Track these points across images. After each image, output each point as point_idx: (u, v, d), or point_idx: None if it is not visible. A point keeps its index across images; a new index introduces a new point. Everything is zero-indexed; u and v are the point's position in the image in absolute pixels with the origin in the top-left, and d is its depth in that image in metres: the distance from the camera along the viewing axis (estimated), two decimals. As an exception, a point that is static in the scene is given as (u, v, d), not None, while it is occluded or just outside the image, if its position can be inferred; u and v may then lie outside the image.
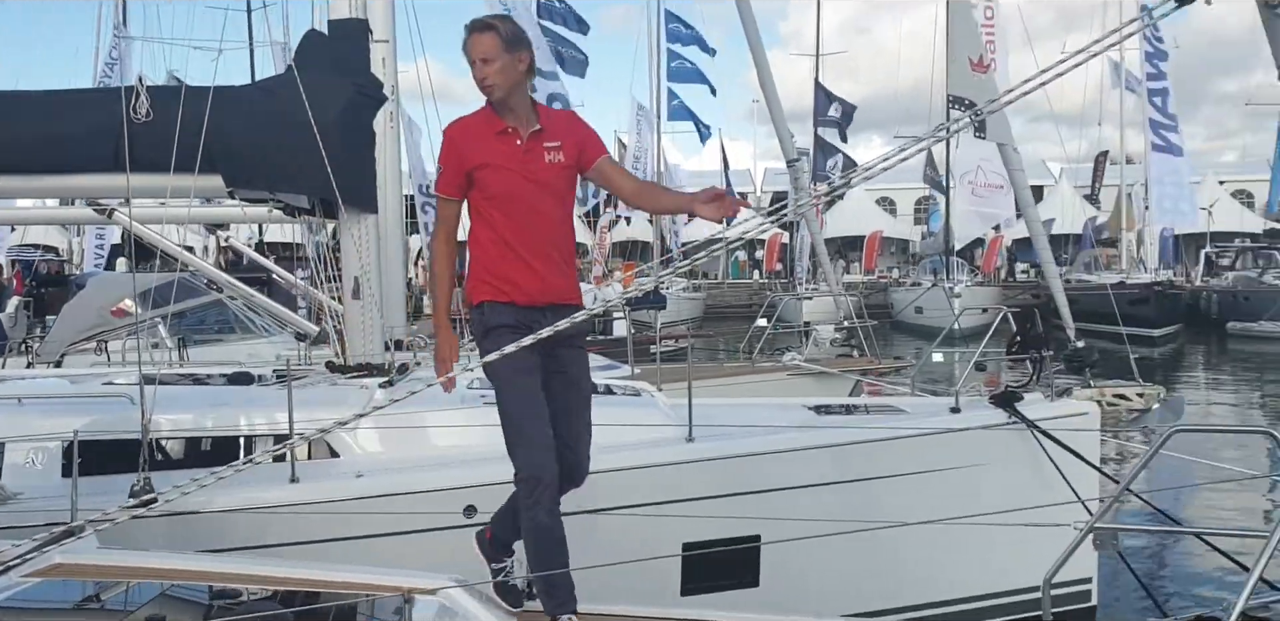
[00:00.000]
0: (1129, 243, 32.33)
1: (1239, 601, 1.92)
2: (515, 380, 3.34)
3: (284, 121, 4.96)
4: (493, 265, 3.35)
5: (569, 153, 3.39)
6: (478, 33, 3.32)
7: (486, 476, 4.28)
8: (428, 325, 21.90)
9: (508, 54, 3.29)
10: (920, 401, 5.86)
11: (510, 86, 3.31)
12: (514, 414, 3.35)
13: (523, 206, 3.33)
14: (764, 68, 8.61)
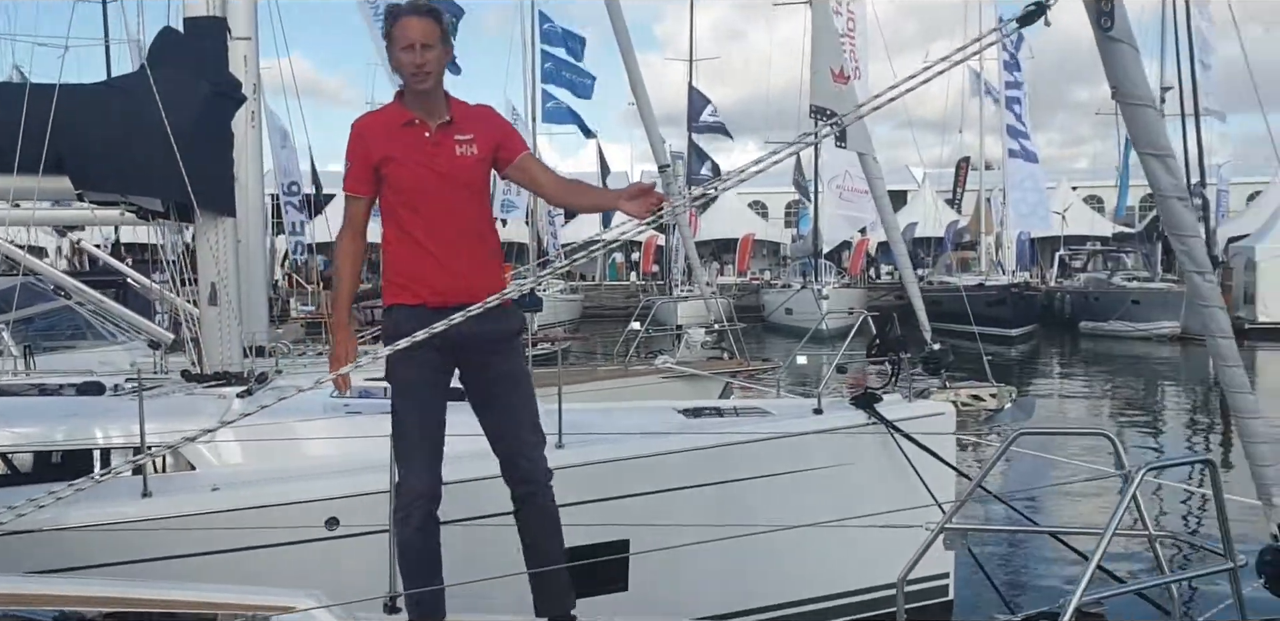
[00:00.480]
0: (988, 246, 33.67)
1: (1073, 599, 2.02)
2: (411, 391, 3.27)
3: (136, 122, 4.78)
4: (403, 264, 3.25)
5: (483, 146, 3.29)
6: (418, 16, 3.20)
7: (349, 487, 4.21)
8: (293, 329, 21.38)
9: (443, 44, 3.23)
10: (785, 403, 5.99)
11: (440, 77, 3.24)
12: (403, 425, 3.29)
13: (431, 200, 3.23)
14: (635, 73, 8.66)
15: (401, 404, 3.29)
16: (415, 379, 3.25)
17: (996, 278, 31.35)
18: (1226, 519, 2.09)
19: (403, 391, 3.28)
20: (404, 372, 3.25)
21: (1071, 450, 10.40)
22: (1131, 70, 2.29)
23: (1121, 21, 2.27)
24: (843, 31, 25.87)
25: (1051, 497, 7.67)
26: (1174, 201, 2.31)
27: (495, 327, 3.33)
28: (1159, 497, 7.93)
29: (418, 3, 3.26)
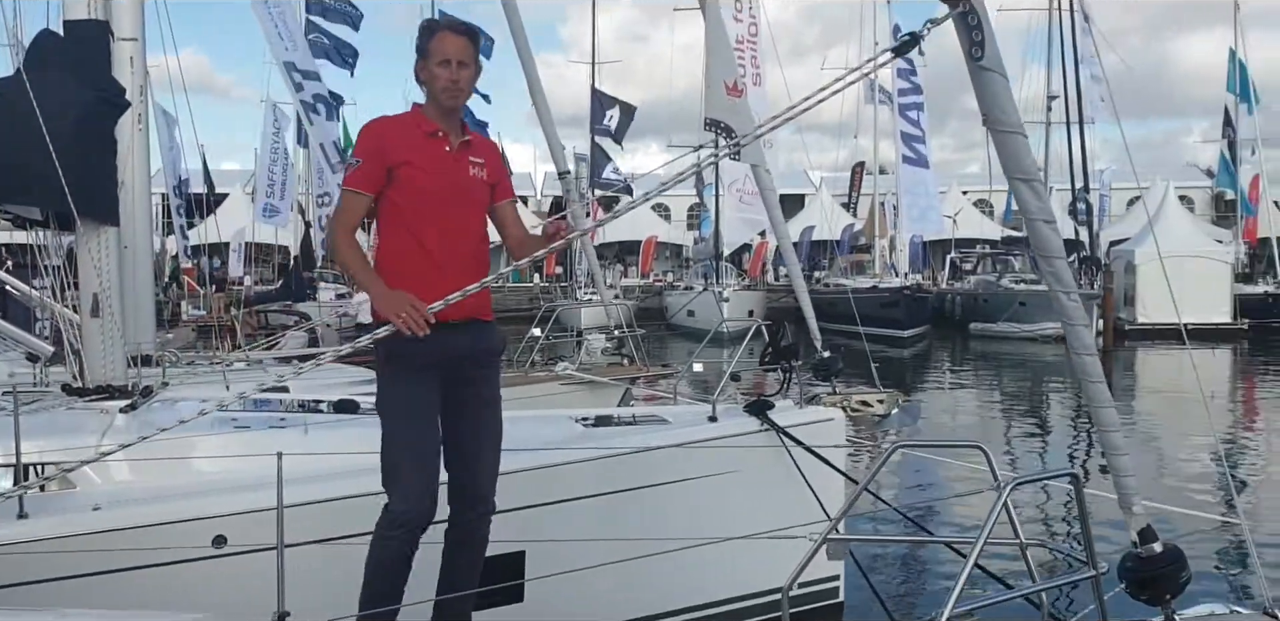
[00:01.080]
0: (882, 249, 34.46)
1: (945, 611, 2.09)
2: (409, 412, 3.18)
3: (12, 129, 4.61)
4: (412, 276, 3.11)
5: (490, 173, 3.31)
6: (458, 34, 3.20)
7: (236, 505, 4.13)
8: (184, 333, 20.74)
9: (476, 65, 3.23)
10: (682, 410, 6.05)
11: (468, 96, 3.26)
12: (399, 448, 3.17)
13: (448, 212, 3.19)
14: (534, 80, 8.61)
15: (403, 426, 3.17)
16: (420, 399, 3.16)
17: (890, 280, 32.13)
18: (1089, 529, 2.20)
19: (405, 412, 3.17)
20: (408, 392, 3.15)
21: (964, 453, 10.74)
22: (1001, 98, 2.39)
23: (992, 52, 2.37)
24: (743, 37, 26.27)
25: (944, 501, 7.88)
26: (1041, 224, 2.42)
27: (489, 345, 3.37)
28: (1041, 506, 8.23)
29: (457, 19, 3.34)
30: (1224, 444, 12.61)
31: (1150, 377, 20.15)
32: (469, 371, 3.25)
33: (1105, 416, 2.45)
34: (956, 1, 2.32)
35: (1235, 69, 35.89)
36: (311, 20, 21.73)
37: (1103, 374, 2.45)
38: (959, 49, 2.35)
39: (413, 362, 3.12)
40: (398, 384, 3.18)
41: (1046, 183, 37.78)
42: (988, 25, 2.34)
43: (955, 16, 2.33)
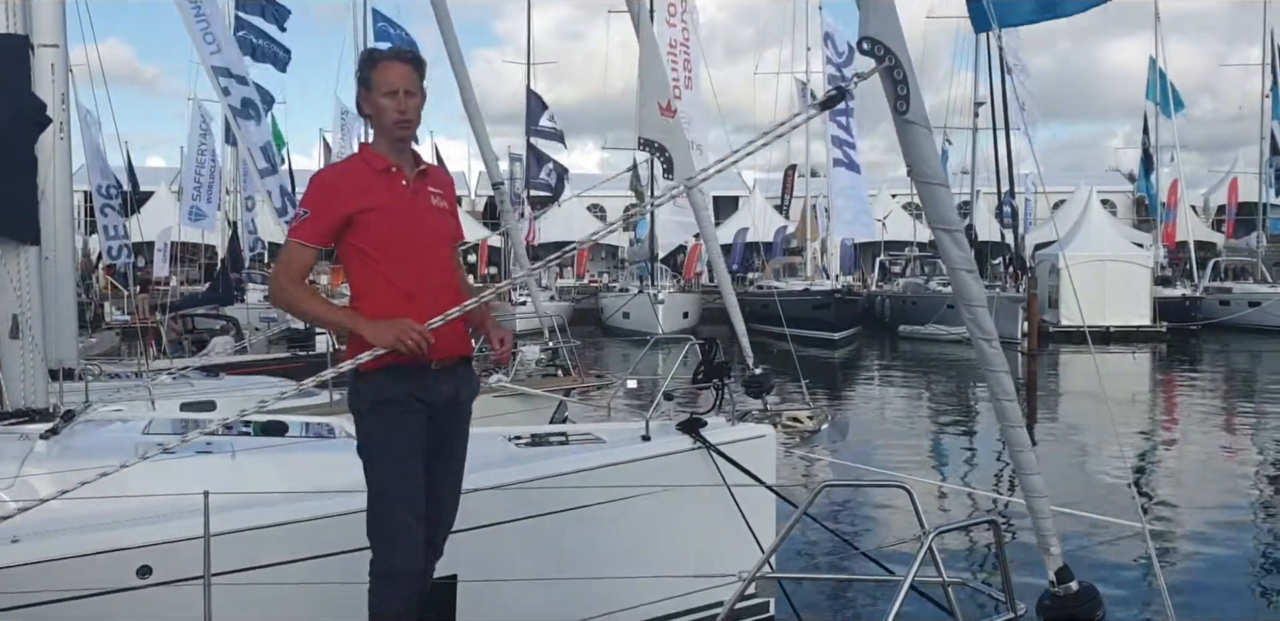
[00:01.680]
0: (814, 251, 34.85)
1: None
2: (400, 463, 3.04)
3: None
4: (392, 317, 2.94)
5: (449, 201, 3.22)
6: (401, 62, 3.07)
7: (163, 534, 4.06)
8: (108, 337, 20.17)
9: (422, 92, 3.11)
10: (615, 427, 6.06)
11: (417, 127, 3.14)
12: (390, 500, 3.04)
13: (418, 249, 3.05)
14: (467, 88, 8.56)
15: (397, 478, 3.03)
16: (409, 448, 3.03)
17: (822, 282, 32.51)
18: (1008, 572, 2.28)
19: (394, 463, 3.03)
20: (402, 440, 3.02)
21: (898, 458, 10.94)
22: (925, 150, 2.45)
23: (917, 106, 2.43)
24: (676, 42, 26.37)
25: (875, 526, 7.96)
26: (963, 273, 2.48)
27: (470, 389, 3.28)
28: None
29: (399, 48, 3.21)
30: (1137, 447, 13.01)
31: (1072, 380, 20.64)
32: (452, 417, 3.18)
33: (1024, 460, 2.53)
34: (883, 57, 2.37)
35: (1155, 77, 36.89)
36: (241, 17, 21.36)
37: (1022, 419, 2.52)
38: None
39: (402, 408, 3.01)
40: (388, 432, 3.05)
41: (974, 186, 38.73)
42: (913, 80, 2.40)
43: (881, 71, 2.39)
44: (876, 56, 2.37)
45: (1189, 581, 7.32)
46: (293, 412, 7.60)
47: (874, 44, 2.37)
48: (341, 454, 5.00)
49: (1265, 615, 7.00)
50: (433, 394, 3.04)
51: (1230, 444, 13.91)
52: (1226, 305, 32.66)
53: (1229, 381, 22.27)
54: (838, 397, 18.51)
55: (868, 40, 2.36)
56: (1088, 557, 7.23)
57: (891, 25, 2.38)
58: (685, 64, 26.40)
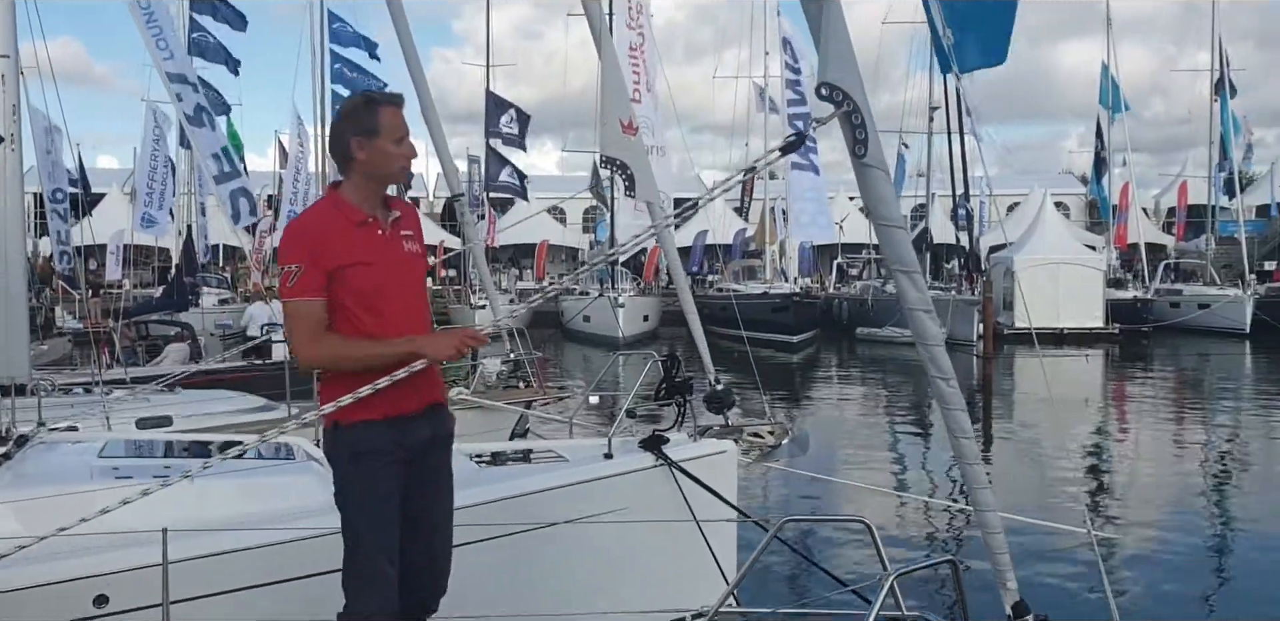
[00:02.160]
0: (773, 254, 35.03)
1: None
2: (375, 508, 3.04)
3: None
4: (364, 377, 2.92)
5: (420, 244, 3.21)
6: (397, 107, 3.05)
7: (119, 562, 4.02)
8: (59, 344, 19.81)
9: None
10: (577, 444, 6.08)
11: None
12: (367, 550, 3.04)
13: (394, 301, 3.04)
14: (425, 95, 8.50)
15: (372, 528, 3.03)
16: (388, 497, 3.03)
17: (781, 285, 32.70)
18: (967, 611, 2.32)
19: (373, 513, 3.03)
20: (379, 490, 3.02)
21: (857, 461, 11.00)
22: (884, 194, 2.49)
23: (875, 150, 2.47)
24: (636, 45, 26.40)
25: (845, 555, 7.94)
26: (920, 314, 2.52)
27: (445, 429, 3.27)
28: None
29: (393, 93, 3.13)
30: (1089, 450, 13.23)
31: (1028, 382, 20.92)
32: (431, 460, 3.18)
33: (982, 497, 2.57)
34: (841, 102, 2.41)
35: (1107, 83, 37.49)
36: (196, 18, 21.14)
37: (979, 455, 2.56)
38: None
39: (382, 458, 3.02)
40: (368, 482, 3.04)
41: (930, 189, 39.13)
42: (871, 124, 2.43)
43: (840, 116, 2.42)
44: (835, 102, 2.41)
45: (1137, 587, 7.47)
46: (251, 428, 7.55)
47: (832, 89, 2.40)
48: (301, 476, 4.99)
49: (1210, 619, 7.15)
50: (412, 442, 3.07)
51: (1180, 446, 14.18)
52: (1177, 307, 33.28)
53: (1179, 383, 22.70)
54: (797, 401, 18.65)
55: (826, 86, 2.40)
56: (1037, 565, 7.35)
57: (850, 71, 2.42)
58: (645, 67, 26.45)
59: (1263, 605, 7.11)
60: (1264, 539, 8.72)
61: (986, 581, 2.67)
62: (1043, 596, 6.31)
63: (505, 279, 39.90)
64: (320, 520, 4.58)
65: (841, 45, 2.39)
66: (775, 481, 9.28)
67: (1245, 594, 7.44)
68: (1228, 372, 24.61)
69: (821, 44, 2.39)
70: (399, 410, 3.01)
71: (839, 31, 2.39)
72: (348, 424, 3.00)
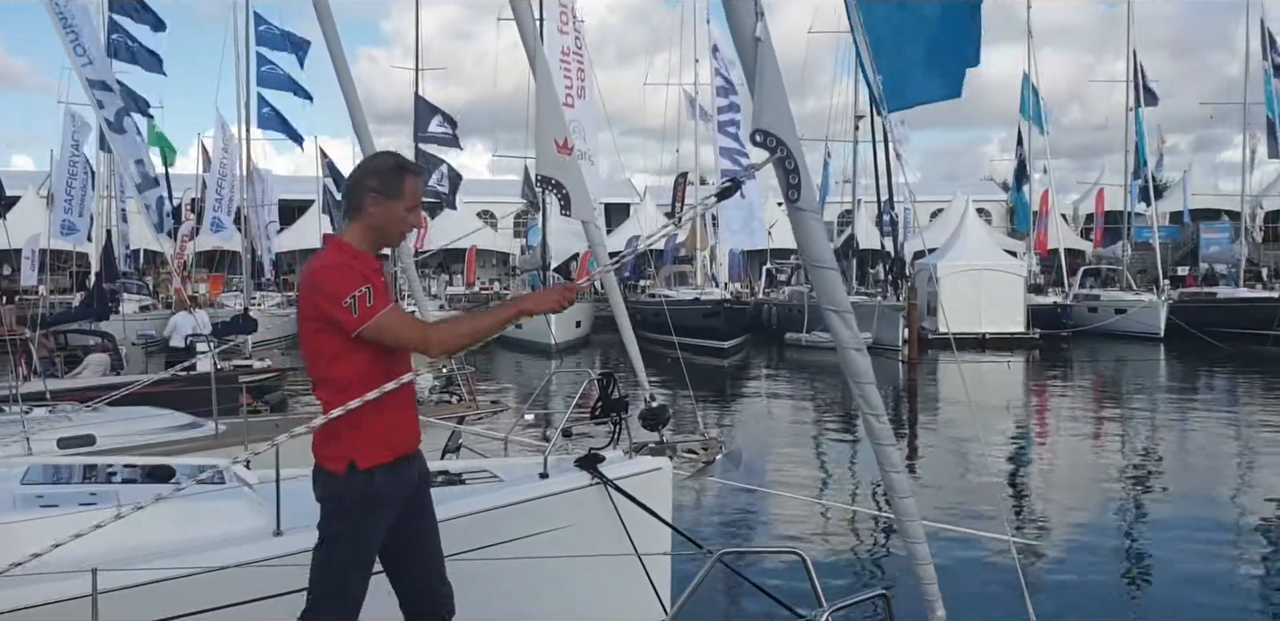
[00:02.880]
0: (704, 260, 35.26)
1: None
2: (369, 553, 3.25)
3: None
4: (383, 414, 3.07)
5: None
6: (419, 176, 3.26)
7: (44, 595, 3.94)
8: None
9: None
10: (512, 463, 6.08)
11: None
12: (347, 587, 3.22)
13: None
14: (353, 100, 8.41)
15: (358, 567, 3.22)
16: (374, 545, 3.24)
17: (711, 290, 32.93)
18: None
19: (361, 552, 3.22)
20: (373, 533, 3.20)
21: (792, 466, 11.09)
22: (816, 237, 2.56)
23: (808, 194, 2.54)
24: (569, 49, 26.39)
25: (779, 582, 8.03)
26: (852, 352, 2.60)
27: (424, 468, 3.44)
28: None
29: (414, 162, 3.34)
30: (1010, 454, 13.56)
31: (951, 386, 21.36)
32: (419, 498, 3.37)
33: (912, 529, 2.65)
34: (775, 148, 2.47)
35: (1028, 93, 38.41)
36: (115, 19, 20.68)
37: (909, 490, 2.65)
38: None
39: (386, 508, 3.19)
40: (370, 525, 3.20)
41: (855, 196, 39.71)
42: (804, 170, 2.50)
43: (775, 162, 2.49)
44: (769, 148, 2.47)
45: (1056, 591, 7.64)
46: (177, 447, 7.42)
47: (766, 136, 2.47)
48: (232, 501, 4.93)
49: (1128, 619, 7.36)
50: (408, 485, 3.28)
51: (1099, 450, 14.60)
52: (1095, 312, 34.22)
53: (1097, 387, 23.35)
54: (729, 407, 18.82)
55: (760, 132, 2.46)
56: (960, 572, 7.52)
57: (783, 118, 2.48)
58: (579, 72, 26.44)
59: (1180, 607, 7.34)
60: (1180, 541, 9.01)
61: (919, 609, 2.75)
62: (965, 603, 6.49)
63: (435, 284, 39.58)
64: (253, 547, 4.55)
65: (775, 93, 2.46)
66: (710, 493, 9.37)
67: (1162, 596, 7.69)
68: (1143, 376, 25.37)
69: (756, 91, 2.45)
70: (411, 449, 3.25)
71: (773, 79, 2.45)
72: (369, 469, 3.10)
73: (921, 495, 10.20)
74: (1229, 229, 45.47)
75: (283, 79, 27.36)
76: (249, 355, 16.24)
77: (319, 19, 8.05)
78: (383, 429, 3.11)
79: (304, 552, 4.56)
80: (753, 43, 2.43)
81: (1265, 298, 32.77)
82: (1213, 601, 7.47)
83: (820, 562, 7.54)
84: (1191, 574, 8.06)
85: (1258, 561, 8.60)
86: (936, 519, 8.35)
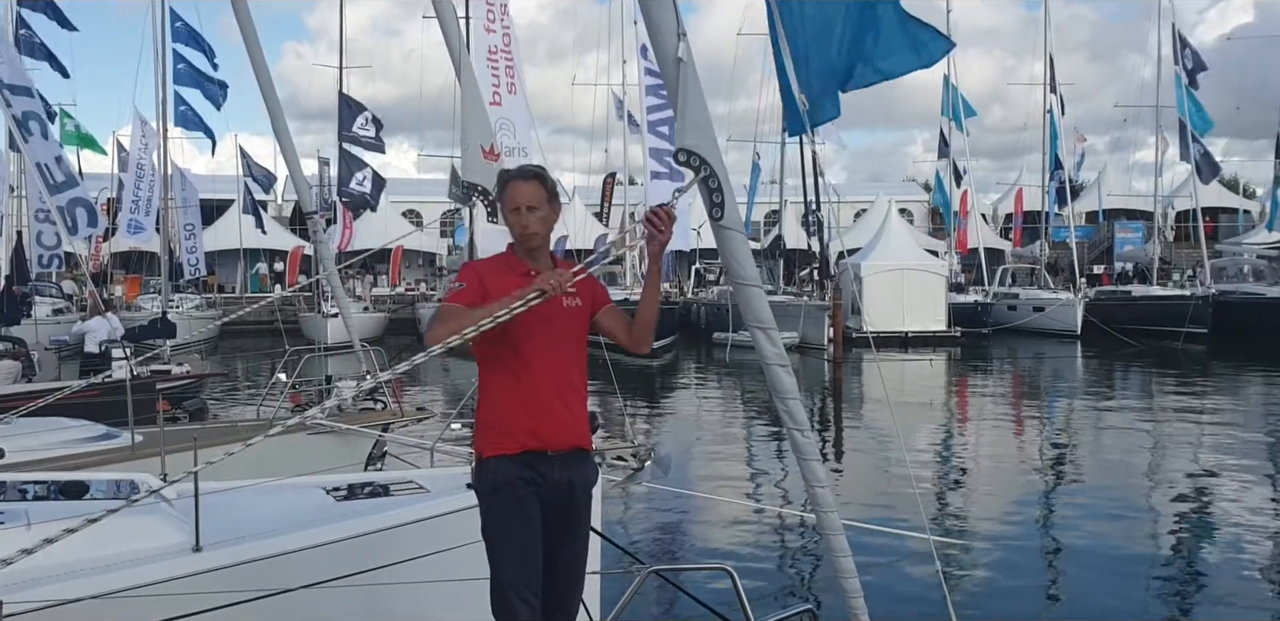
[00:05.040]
0: (633, 260, 35.28)
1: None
2: (511, 545, 3.27)
3: None
4: (503, 411, 3.29)
5: (584, 298, 3.38)
6: (524, 180, 3.36)
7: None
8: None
9: (550, 204, 3.37)
10: (438, 474, 6.02)
11: (548, 235, 3.40)
12: (499, 583, 3.28)
13: (539, 347, 3.29)
14: (273, 102, 8.25)
15: (505, 560, 3.29)
16: (523, 530, 3.29)
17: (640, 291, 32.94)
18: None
19: (506, 545, 3.30)
20: (513, 524, 3.29)
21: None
22: (740, 254, 2.58)
23: (731, 213, 2.56)
24: (497, 47, 26.19)
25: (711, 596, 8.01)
26: (777, 368, 2.62)
27: (584, 478, 3.41)
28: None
29: (525, 167, 3.41)
30: (932, 452, 13.80)
31: (876, 385, 21.68)
32: (567, 505, 3.37)
33: (836, 543, 2.68)
34: (699, 167, 2.48)
35: (949, 95, 39.12)
36: (22, 15, 20.06)
37: (834, 504, 2.67)
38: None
39: (511, 492, 3.26)
40: (504, 514, 3.31)
41: (782, 196, 40.13)
42: (728, 189, 2.52)
43: (699, 181, 2.50)
44: (693, 167, 2.48)
45: (976, 588, 7.78)
46: (91, 459, 7.21)
47: (690, 155, 2.47)
48: (149, 516, 4.80)
49: (1047, 616, 7.53)
50: (547, 479, 3.27)
51: (1018, 446, 14.94)
52: (1014, 310, 35.01)
53: (1016, 384, 23.88)
54: (658, 408, 18.87)
55: (684, 152, 2.47)
56: (882, 571, 7.64)
57: (707, 137, 2.49)
58: (507, 70, 26.25)
59: (1099, 601, 7.52)
60: (1097, 536, 9.24)
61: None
62: (886, 602, 6.58)
63: (360, 285, 39.03)
64: (171, 564, 4.44)
65: (698, 112, 2.47)
66: (639, 498, 9.38)
67: (1081, 592, 7.87)
68: (1060, 373, 26.02)
69: (679, 111, 2.46)
70: (530, 445, 3.25)
71: (696, 99, 2.46)
72: (487, 458, 3.30)
73: (846, 496, 10.34)
74: (1142, 228, 46.87)
75: (197, 78, 26.65)
76: (167, 360, 15.82)
77: (236, 16, 7.90)
78: (502, 424, 3.31)
79: (225, 569, 4.50)
80: (675, 63, 2.43)
81: (1177, 296, 33.80)
82: (1130, 595, 7.68)
83: (751, 571, 7.59)
84: (1109, 568, 8.27)
85: (1171, 554, 8.88)
86: (859, 519, 8.46)
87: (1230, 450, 13.72)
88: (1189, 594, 7.86)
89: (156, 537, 4.58)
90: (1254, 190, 60.03)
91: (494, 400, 3.35)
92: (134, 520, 4.72)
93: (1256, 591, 7.75)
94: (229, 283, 44.65)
